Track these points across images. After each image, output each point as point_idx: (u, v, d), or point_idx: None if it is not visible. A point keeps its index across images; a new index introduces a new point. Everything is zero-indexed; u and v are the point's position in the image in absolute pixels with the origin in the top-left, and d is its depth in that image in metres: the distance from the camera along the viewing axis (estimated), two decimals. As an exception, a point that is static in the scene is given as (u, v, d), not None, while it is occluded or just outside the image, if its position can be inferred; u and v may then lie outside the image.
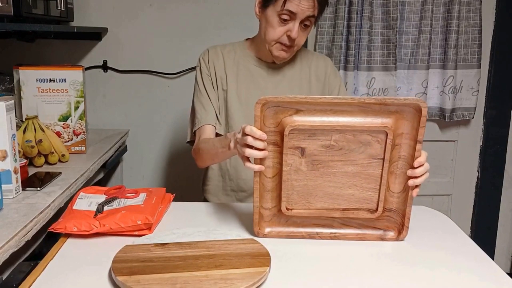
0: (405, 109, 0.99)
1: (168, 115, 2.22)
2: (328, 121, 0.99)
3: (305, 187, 1.04)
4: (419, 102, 0.97)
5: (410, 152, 1.01)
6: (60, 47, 2.13)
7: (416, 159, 1.01)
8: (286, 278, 0.90)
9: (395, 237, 1.07)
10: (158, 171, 2.29)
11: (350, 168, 1.02)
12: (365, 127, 0.99)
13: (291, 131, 0.99)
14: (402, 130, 1.00)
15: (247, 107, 1.42)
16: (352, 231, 1.08)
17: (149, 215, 1.07)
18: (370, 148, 1.01)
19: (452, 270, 0.95)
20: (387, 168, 1.02)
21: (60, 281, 0.88)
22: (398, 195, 1.05)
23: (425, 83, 2.19)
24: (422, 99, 0.99)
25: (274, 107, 0.99)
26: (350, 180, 1.03)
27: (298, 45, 1.36)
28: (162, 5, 2.13)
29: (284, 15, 1.29)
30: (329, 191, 1.04)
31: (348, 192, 1.04)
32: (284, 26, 1.31)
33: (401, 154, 1.02)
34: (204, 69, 1.45)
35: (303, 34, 1.34)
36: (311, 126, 0.99)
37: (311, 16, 1.30)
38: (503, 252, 2.49)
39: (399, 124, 1.00)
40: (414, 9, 2.14)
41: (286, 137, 0.99)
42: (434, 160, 2.38)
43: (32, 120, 1.52)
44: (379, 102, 0.97)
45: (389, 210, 1.07)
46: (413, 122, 0.99)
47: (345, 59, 2.15)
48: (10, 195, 1.20)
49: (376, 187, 1.03)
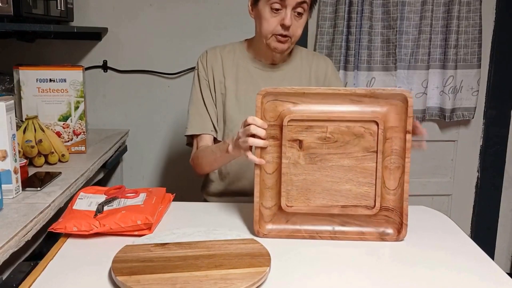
0: (393, 102, 1.06)
1: (168, 115, 2.22)
2: (323, 110, 1.07)
3: (304, 182, 1.08)
4: (405, 93, 1.05)
5: (402, 146, 1.06)
6: (60, 47, 2.13)
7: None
8: (286, 278, 0.90)
9: (395, 237, 1.07)
10: (158, 171, 2.29)
11: (346, 162, 1.07)
12: (358, 117, 1.06)
13: (289, 122, 1.06)
14: (392, 123, 1.06)
15: (246, 108, 1.41)
16: (352, 229, 1.08)
17: (149, 215, 1.07)
18: (364, 140, 1.06)
19: (452, 270, 0.95)
20: (381, 160, 1.06)
21: (60, 281, 0.88)
22: (394, 192, 1.07)
23: (425, 83, 2.19)
24: (408, 90, 1.07)
25: (273, 100, 1.07)
26: (346, 174, 1.07)
27: (295, 36, 1.35)
28: (162, 5, 2.13)
29: (274, 3, 1.29)
30: (327, 186, 1.08)
31: (345, 188, 1.07)
32: (276, 16, 1.31)
33: (393, 148, 1.07)
34: (201, 73, 1.45)
35: (298, 23, 1.33)
36: (307, 116, 1.06)
37: (303, 2, 1.30)
38: (503, 252, 2.49)
39: (388, 117, 1.06)
40: (414, 9, 2.14)
41: (285, 128, 1.06)
42: (434, 160, 2.38)
43: (32, 120, 1.52)
44: (369, 93, 1.06)
45: (386, 209, 1.07)
46: (402, 114, 1.06)
47: (345, 59, 2.15)
48: (10, 195, 1.20)
49: (372, 182, 1.07)
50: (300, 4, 1.30)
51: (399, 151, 1.06)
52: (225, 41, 1.52)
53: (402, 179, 1.07)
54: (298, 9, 1.31)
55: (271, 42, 1.35)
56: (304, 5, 1.31)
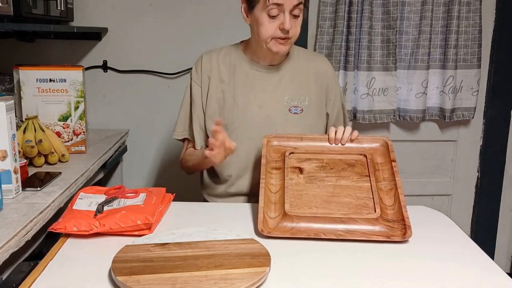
0: (375, 146, 1.28)
1: (168, 115, 2.22)
2: (319, 145, 1.30)
3: (306, 196, 1.16)
4: (385, 139, 1.28)
5: (391, 173, 1.20)
6: (60, 47, 2.13)
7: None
8: (286, 278, 0.90)
9: (401, 236, 1.07)
10: (158, 171, 2.29)
11: (343, 182, 1.20)
12: (349, 151, 1.27)
13: (290, 154, 1.25)
14: (378, 160, 1.25)
15: (244, 110, 1.41)
16: (358, 227, 1.08)
17: (149, 215, 1.07)
18: (356, 168, 1.23)
19: (452, 270, 0.95)
20: (374, 182, 1.18)
21: (60, 281, 0.88)
22: (392, 207, 1.14)
23: (425, 83, 2.19)
24: (387, 137, 1.29)
25: (277, 146, 1.29)
26: (344, 190, 1.18)
27: (295, 36, 1.35)
28: (162, 5, 2.13)
29: (272, 10, 1.29)
30: (327, 199, 1.15)
31: (345, 200, 1.15)
32: (274, 21, 1.31)
33: (384, 176, 1.21)
34: (194, 77, 1.46)
35: (295, 24, 1.33)
36: (306, 150, 1.28)
37: (299, 4, 1.30)
38: (503, 252, 2.49)
39: (374, 156, 1.26)
40: (414, 9, 2.14)
41: (287, 158, 1.24)
42: (434, 160, 2.38)
43: (32, 120, 1.52)
44: (354, 141, 1.29)
45: (387, 220, 1.10)
46: (385, 155, 1.25)
47: (345, 59, 2.15)
48: (10, 195, 1.20)
49: (370, 197, 1.15)
50: (296, 6, 1.30)
51: (388, 177, 1.20)
52: (225, 41, 1.52)
53: (396, 195, 1.15)
54: (295, 11, 1.31)
55: (272, 46, 1.34)
56: (300, 6, 1.31)
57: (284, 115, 1.42)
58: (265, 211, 1.11)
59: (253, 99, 1.41)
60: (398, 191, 1.15)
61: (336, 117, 1.52)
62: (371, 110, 2.19)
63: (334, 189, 1.17)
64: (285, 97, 1.42)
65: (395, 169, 1.19)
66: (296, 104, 1.43)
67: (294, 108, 1.42)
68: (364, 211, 1.11)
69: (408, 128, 2.33)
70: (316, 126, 1.47)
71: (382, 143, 1.27)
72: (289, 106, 1.42)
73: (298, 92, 1.43)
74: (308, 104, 1.43)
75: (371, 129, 2.29)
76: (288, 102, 1.42)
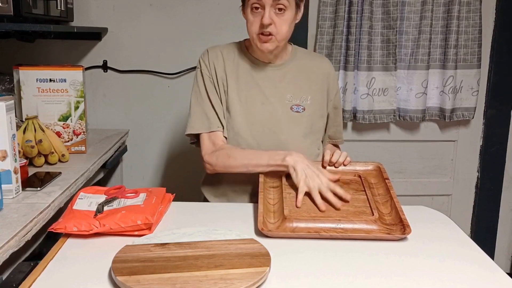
0: (369, 170, 1.34)
1: (168, 115, 2.22)
2: None
3: (304, 205, 1.18)
4: (377, 164, 1.35)
5: (385, 189, 1.24)
6: (60, 47, 2.13)
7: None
8: (286, 278, 0.90)
9: (401, 233, 1.07)
10: (158, 171, 2.30)
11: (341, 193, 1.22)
12: (344, 172, 1.34)
13: (286, 174, 1.27)
14: (372, 181, 1.30)
15: (247, 107, 1.41)
16: (358, 226, 1.09)
17: (149, 215, 1.07)
18: (352, 185, 1.28)
19: (452, 270, 0.95)
20: (370, 196, 1.20)
21: (60, 281, 0.88)
22: (389, 214, 1.15)
23: (425, 83, 2.19)
24: (379, 164, 1.35)
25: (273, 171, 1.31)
26: (342, 201, 1.20)
27: (280, 33, 1.32)
28: (162, 5, 2.13)
29: (254, 3, 1.30)
30: (326, 208, 1.17)
31: (343, 209, 1.17)
32: (257, 16, 1.31)
33: (379, 192, 1.25)
34: (204, 70, 1.43)
35: (281, 20, 1.31)
36: None
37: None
38: (503, 252, 2.49)
39: (368, 178, 1.31)
40: (414, 9, 2.14)
41: (284, 178, 1.27)
42: (434, 160, 2.38)
43: (32, 120, 1.52)
44: (347, 165, 1.36)
45: (386, 224, 1.11)
46: (378, 177, 1.31)
47: (345, 59, 2.15)
48: (10, 195, 1.20)
49: (367, 205, 1.18)
50: (278, 1, 1.28)
51: (383, 192, 1.24)
52: (225, 41, 1.52)
53: (393, 204, 1.16)
54: (278, 6, 1.29)
55: (257, 42, 1.35)
56: (283, 1, 1.29)
57: (286, 113, 1.42)
58: (264, 217, 1.12)
59: (255, 96, 1.42)
60: (394, 201, 1.17)
61: (335, 118, 1.54)
62: (371, 110, 2.19)
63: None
64: (287, 95, 1.43)
65: (389, 185, 1.24)
66: (298, 103, 1.43)
67: (296, 107, 1.43)
68: (362, 216, 1.13)
69: (408, 128, 2.33)
70: (318, 125, 1.48)
71: (375, 167, 1.35)
72: (291, 104, 1.43)
73: (300, 90, 1.44)
74: (310, 103, 1.44)
75: (371, 129, 2.29)
76: (290, 100, 1.43)
